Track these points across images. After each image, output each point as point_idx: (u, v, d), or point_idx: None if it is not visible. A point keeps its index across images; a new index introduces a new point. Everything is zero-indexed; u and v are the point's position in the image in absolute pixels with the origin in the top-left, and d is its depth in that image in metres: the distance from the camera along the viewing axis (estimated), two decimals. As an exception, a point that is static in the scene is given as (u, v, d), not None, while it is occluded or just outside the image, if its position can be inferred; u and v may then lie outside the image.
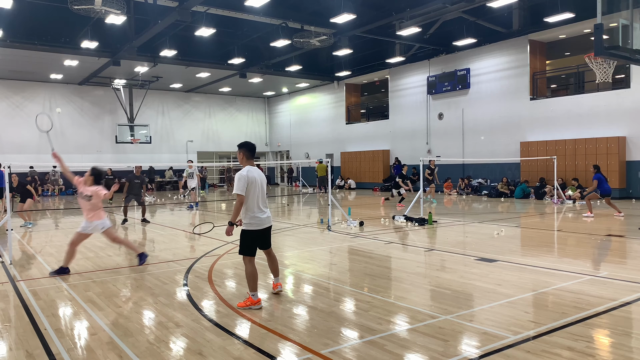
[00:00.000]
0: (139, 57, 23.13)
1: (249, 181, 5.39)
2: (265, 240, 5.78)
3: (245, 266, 5.55)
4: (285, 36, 20.37)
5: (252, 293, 5.47)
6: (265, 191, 5.65)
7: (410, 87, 26.77)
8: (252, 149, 5.66)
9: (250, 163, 5.62)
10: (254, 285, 5.48)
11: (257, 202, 5.50)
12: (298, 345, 4.34)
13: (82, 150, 29.80)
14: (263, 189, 5.60)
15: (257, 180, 5.50)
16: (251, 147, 5.67)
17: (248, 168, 5.50)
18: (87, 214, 7.51)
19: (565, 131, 20.05)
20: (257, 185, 5.49)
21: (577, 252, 8.59)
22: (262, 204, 5.57)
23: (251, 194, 5.45)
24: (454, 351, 4.15)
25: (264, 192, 5.62)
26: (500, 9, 19.52)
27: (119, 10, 15.46)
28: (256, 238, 5.59)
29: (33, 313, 5.45)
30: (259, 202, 5.51)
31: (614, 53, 7.69)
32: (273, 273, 6.05)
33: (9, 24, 19.41)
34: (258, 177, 5.52)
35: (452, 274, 6.97)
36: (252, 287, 5.48)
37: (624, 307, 5.26)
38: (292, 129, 36.23)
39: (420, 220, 12.51)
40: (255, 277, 5.50)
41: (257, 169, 5.59)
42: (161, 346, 4.41)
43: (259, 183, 5.52)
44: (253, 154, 5.68)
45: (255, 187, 5.47)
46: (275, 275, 6.04)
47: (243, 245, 5.57)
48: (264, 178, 5.65)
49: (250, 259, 5.55)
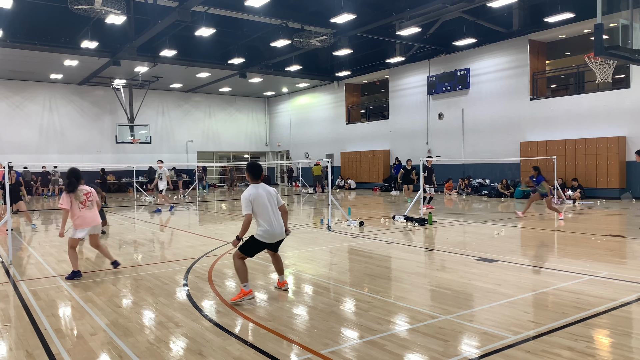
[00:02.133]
0: (139, 57, 23.13)
1: (251, 199, 5.63)
2: (275, 247, 6.05)
3: (235, 261, 5.74)
4: (285, 36, 20.37)
5: (244, 284, 5.63)
6: (275, 204, 5.84)
7: (410, 87, 26.77)
8: (255, 172, 5.87)
9: (256, 182, 5.83)
10: (244, 277, 5.66)
11: (269, 216, 5.71)
12: (298, 345, 4.34)
13: (82, 150, 29.83)
14: (273, 203, 5.80)
15: (262, 196, 5.71)
16: (254, 170, 5.87)
17: (250, 187, 5.75)
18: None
19: (565, 131, 20.05)
20: (262, 200, 5.69)
21: (577, 252, 8.59)
22: (274, 218, 5.75)
23: (261, 210, 5.67)
24: (454, 351, 4.14)
25: (273, 205, 5.81)
26: (500, 9, 19.52)
27: (119, 10, 15.45)
28: (263, 248, 5.84)
29: (33, 313, 5.45)
30: (270, 216, 5.71)
31: (614, 53, 7.69)
32: (278, 272, 6.25)
33: (9, 24, 19.41)
34: (264, 192, 5.74)
35: (452, 274, 6.97)
36: (243, 279, 5.65)
37: (624, 307, 5.26)
38: (292, 129, 36.23)
39: (420, 220, 12.51)
40: (244, 270, 5.69)
41: (263, 186, 5.82)
42: (161, 346, 4.41)
43: (265, 198, 5.72)
44: (257, 176, 5.87)
45: (260, 203, 5.68)
46: (280, 273, 6.24)
47: (247, 246, 5.75)
48: (272, 192, 5.84)
49: (243, 257, 5.76)
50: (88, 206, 7.18)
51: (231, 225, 13.14)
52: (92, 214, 7.24)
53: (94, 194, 7.36)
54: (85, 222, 7.13)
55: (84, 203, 7.13)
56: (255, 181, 5.85)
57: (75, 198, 7.08)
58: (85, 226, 7.13)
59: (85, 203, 7.15)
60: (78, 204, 7.10)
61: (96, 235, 7.49)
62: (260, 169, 5.96)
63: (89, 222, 7.16)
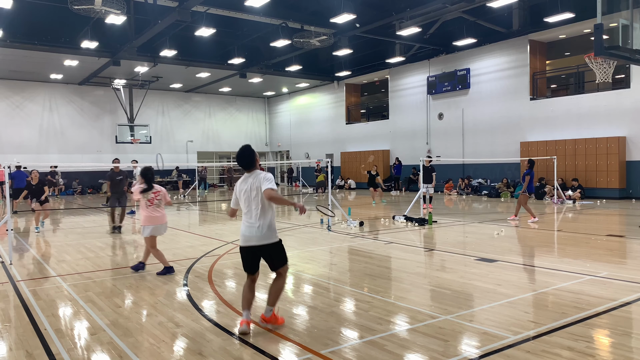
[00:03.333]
0: (139, 57, 23.13)
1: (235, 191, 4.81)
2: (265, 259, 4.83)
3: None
4: (285, 36, 20.37)
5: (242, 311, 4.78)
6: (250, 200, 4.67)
7: (410, 87, 26.77)
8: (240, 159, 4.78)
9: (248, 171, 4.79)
10: (242, 303, 4.79)
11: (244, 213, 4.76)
12: (298, 346, 4.34)
13: (82, 150, 29.81)
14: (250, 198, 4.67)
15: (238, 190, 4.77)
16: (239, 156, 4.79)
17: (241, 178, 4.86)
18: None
19: (565, 131, 20.05)
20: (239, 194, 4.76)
21: (577, 252, 8.59)
22: (247, 216, 4.71)
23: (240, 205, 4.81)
24: (454, 351, 4.14)
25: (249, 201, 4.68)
26: (500, 9, 19.52)
27: (119, 10, 15.45)
28: (245, 256, 4.80)
29: (33, 313, 5.45)
30: (243, 213, 4.76)
31: (614, 53, 7.69)
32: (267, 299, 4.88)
33: (9, 24, 19.41)
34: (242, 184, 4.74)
35: (452, 274, 6.97)
36: (242, 305, 4.81)
37: (624, 307, 5.26)
38: (292, 129, 36.23)
39: (420, 220, 12.51)
40: (244, 296, 4.78)
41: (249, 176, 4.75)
42: (161, 346, 4.41)
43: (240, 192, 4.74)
44: (243, 163, 4.77)
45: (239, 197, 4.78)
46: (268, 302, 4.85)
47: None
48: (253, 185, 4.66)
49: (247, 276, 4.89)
50: (155, 204, 7.27)
51: (231, 225, 13.14)
52: (157, 213, 7.28)
53: (163, 194, 7.40)
54: (150, 220, 7.21)
55: (151, 201, 7.24)
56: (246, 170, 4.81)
57: (144, 195, 7.21)
58: (150, 224, 7.21)
59: (153, 201, 7.25)
60: (146, 201, 7.21)
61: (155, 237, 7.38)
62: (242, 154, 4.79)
63: (153, 220, 7.23)
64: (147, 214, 7.21)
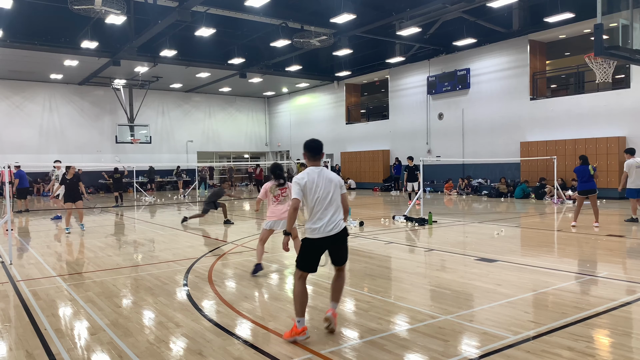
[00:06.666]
0: (139, 57, 23.12)
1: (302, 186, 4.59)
2: (334, 253, 4.78)
3: (294, 283, 4.67)
4: (285, 36, 20.37)
5: (297, 319, 4.47)
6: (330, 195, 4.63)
7: (410, 87, 26.77)
8: (312, 149, 4.71)
9: (314, 164, 4.71)
10: (299, 310, 4.50)
11: (315, 207, 4.59)
12: (298, 345, 4.34)
13: (82, 150, 29.81)
14: (328, 193, 4.61)
15: (315, 183, 4.59)
16: (311, 146, 4.71)
17: (307, 171, 4.66)
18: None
19: (565, 131, 20.04)
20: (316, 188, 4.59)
21: (577, 252, 8.59)
22: (322, 211, 4.58)
23: (309, 199, 4.60)
24: (454, 351, 4.15)
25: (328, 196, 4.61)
26: (500, 9, 19.51)
27: (119, 10, 15.45)
28: (319, 246, 4.62)
29: (33, 313, 5.45)
30: (316, 208, 4.59)
31: (614, 53, 7.69)
32: (331, 296, 4.85)
33: (9, 24, 19.40)
34: (319, 179, 4.61)
35: (452, 274, 6.97)
36: (297, 312, 4.51)
37: (624, 307, 5.26)
38: (292, 129, 36.22)
39: (420, 220, 12.51)
40: (302, 300, 4.53)
41: (322, 170, 4.67)
42: (161, 346, 4.41)
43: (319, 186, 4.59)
44: (315, 154, 4.71)
45: (312, 192, 4.58)
46: (332, 299, 4.83)
47: (298, 255, 4.72)
48: (332, 179, 4.67)
49: (302, 275, 4.61)
50: (281, 201, 7.35)
51: (231, 225, 13.14)
52: (281, 209, 7.31)
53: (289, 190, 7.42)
54: (273, 215, 7.28)
55: (277, 197, 7.33)
56: (312, 162, 4.71)
57: (271, 191, 7.33)
58: (272, 219, 7.27)
59: (279, 198, 7.34)
60: (272, 197, 7.32)
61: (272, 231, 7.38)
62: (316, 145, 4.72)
63: (275, 216, 7.28)
64: (272, 208, 7.33)
